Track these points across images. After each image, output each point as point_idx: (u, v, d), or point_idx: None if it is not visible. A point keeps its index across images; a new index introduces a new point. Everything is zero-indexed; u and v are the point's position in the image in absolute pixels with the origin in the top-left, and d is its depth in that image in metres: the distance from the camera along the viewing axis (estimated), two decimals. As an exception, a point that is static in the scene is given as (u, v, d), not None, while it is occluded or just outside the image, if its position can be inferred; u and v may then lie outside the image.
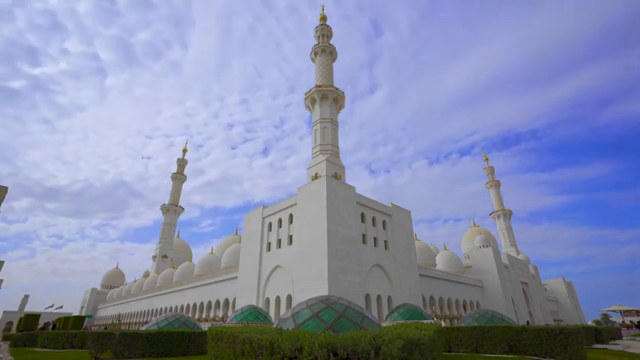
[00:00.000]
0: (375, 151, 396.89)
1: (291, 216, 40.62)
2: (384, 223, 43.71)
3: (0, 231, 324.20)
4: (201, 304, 56.20)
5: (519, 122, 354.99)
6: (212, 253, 70.22)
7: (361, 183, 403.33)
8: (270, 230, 43.44)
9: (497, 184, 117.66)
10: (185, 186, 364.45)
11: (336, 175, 46.04)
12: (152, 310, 73.42)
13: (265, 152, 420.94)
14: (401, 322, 24.66)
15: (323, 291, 31.30)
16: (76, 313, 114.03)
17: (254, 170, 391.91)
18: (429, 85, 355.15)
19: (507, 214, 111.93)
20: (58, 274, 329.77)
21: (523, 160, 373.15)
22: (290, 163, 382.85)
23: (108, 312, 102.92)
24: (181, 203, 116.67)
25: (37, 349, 28.73)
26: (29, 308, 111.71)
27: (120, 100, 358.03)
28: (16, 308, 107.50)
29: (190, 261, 79.89)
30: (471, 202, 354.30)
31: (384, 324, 22.95)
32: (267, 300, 39.91)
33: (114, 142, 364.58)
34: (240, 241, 55.61)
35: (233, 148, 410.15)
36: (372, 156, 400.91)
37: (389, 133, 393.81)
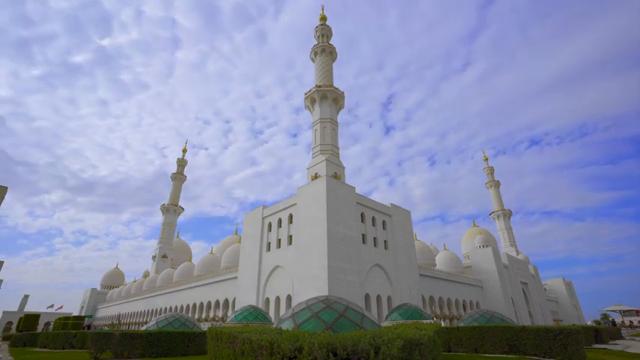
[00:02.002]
0: (444, 138, 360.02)
1: (291, 216, 40.61)
2: (383, 223, 43.71)
3: (15, 228, 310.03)
4: (201, 304, 56.17)
5: (604, 109, 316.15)
6: (212, 253, 70.25)
7: (413, 177, 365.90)
8: (270, 230, 43.43)
9: (497, 184, 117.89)
10: (230, 179, 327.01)
11: (336, 175, 46.08)
12: (152, 310, 73.35)
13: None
14: (401, 322, 24.67)
15: (323, 291, 31.28)
16: (75, 313, 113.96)
17: (311, 159, 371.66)
18: (527, 65, 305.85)
19: (507, 214, 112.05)
20: (74, 273, 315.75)
21: (591, 151, 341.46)
22: (352, 152, 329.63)
23: (108, 312, 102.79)
24: (222, 196, 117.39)
25: (37, 349, 28.73)
26: (29, 308, 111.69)
27: (187, 77, 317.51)
28: (15, 308, 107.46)
29: (190, 261, 79.88)
30: (523, 197, 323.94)
31: (383, 324, 22.94)
32: (267, 300, 39.90)
33: (167, 126, 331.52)
34: (240, 241, 55.59)
35: (294, 136, 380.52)
36: (438, 145, 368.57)
37: (464, 119, 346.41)
